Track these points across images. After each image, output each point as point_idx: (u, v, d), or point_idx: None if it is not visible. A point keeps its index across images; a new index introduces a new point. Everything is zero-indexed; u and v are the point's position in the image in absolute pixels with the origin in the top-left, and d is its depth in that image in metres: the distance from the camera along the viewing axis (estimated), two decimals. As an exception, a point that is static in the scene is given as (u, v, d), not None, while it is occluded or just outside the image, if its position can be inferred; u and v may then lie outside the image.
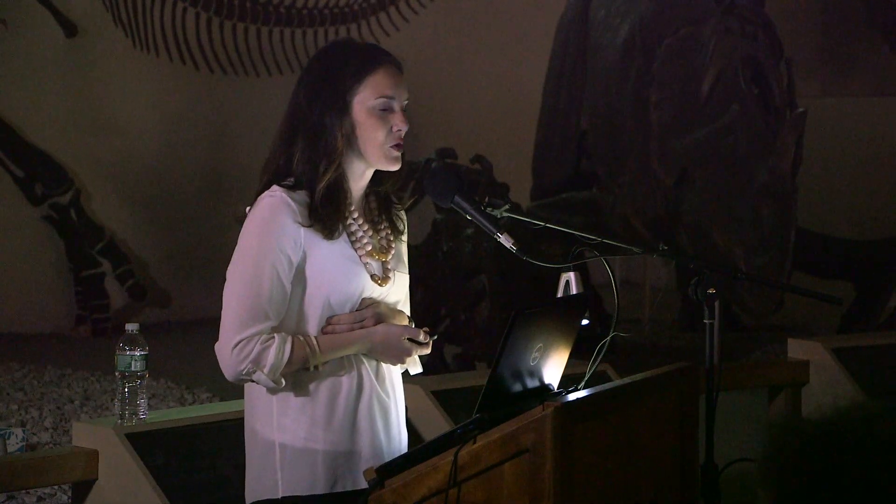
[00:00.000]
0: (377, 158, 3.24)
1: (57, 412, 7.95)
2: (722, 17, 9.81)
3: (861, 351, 6.22)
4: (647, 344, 10.24)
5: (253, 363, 3.11)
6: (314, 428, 3.19)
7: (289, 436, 3.19)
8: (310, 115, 3.20)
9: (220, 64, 11.90)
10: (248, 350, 3.11)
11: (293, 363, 3.13)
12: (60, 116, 11.14)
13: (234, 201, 10.77)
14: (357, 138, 3.21)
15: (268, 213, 3.16)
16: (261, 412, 3.22)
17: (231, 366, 3.14)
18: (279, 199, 3.16)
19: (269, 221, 3.15)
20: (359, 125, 3.21)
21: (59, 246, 11.08)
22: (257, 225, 3.17)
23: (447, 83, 12.88)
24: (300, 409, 3.19)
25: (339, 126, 3.19)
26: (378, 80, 3.22)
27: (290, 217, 3.15)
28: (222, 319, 3.17)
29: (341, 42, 3.31)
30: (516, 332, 2.99)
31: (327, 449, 3.19)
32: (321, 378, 3.19)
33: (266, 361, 3.11)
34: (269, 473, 3.21)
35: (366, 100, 3.21)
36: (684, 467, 3.31)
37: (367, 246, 3.25)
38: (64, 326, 10.94)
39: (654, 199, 9.81)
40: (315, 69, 3.26)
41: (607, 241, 3.40)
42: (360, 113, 3.21)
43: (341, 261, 3.20)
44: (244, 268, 3.16)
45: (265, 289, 3.13)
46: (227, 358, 3.14)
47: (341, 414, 3.20)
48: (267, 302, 3.13)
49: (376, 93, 3.21)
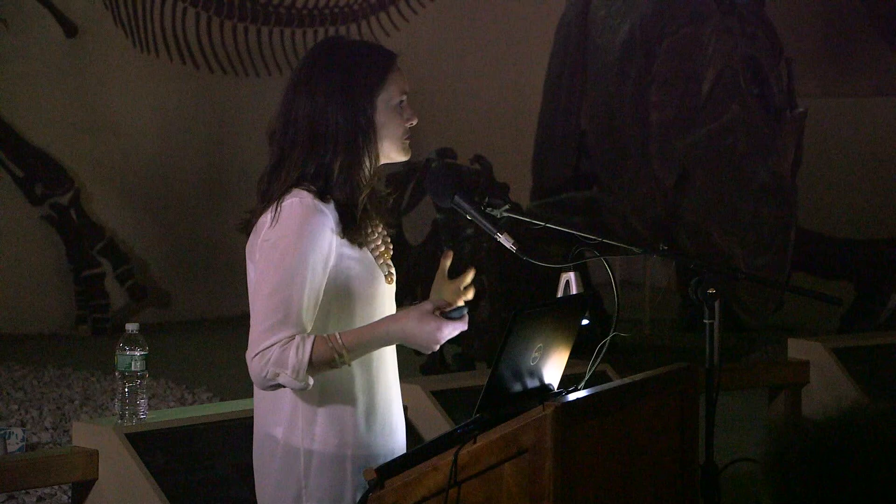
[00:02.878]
0: (395, 151, 3.23)
1: (57, 412, 7.95)
2: (722, 17, 9.82)
3: (861, 351, 6.23)
4: (647, 344, 10.23)
5: (274, 366, 3.04)
6: (345, 435, 3.14)
7: (318, 444, 3.13)
8: (342, 121, 3.14)
9: (220, 64, 11.90)
10: (269, 354, 3.04)
11: (316, 362, 3.04)
12: (60, 116, 11.14)
13: (234, 201, 10.78)
14: (380, 136, 3.20)
15: (302, 218, 3.08)
16: (284, 419, 3.15)
17: (255, 373, 3.07)
18: (311, 204, 3.09)
19: (304, 226, 3.08)
20: (384, 123, 3.20)
21: (59, 246, 11.08)
22: (291, 230, 3.08)
23: (447, 83, 12.88)
24: (329, 416, 3.14)
25: (374, 129, 3.17)
26: (396, 77, 3.21)
27: (325, 224, 3.10)
28: (250, 328, 3.10)
29: (343, 42, 3.27)
30: (516, 332, 2.99)
31: (357, 454, 3.15)
32: (348, 383, 3.14)
33: (287, 362, 3.03)
34: (292, 482, 3.15)
35: (390, 99, 3.19)
36: (684, 467, 3.31)
37: (380, 247, 3.24)
38: (64, 326, 10.94)
39: (654, 199, 9.81)
40: (332, 73, 3.17)
41: (607, 241, 3.40)
42: (386, 113, 3.19)
43: (365, 265, 3.17)
44: (276, 275, 3.07)
45: (296, 297, 3.06)
46: (252, 366, 3.07)
47: (371, 419, 3.18)
48: (296, 310, 3.06)
49: (399, 91, 3.21)
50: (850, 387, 5.89)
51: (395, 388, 3.30)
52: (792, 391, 6.13)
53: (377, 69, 3.20)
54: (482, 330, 8.33)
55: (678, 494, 3.29)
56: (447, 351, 8.55)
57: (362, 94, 3.17)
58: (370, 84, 3.18)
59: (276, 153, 3.19)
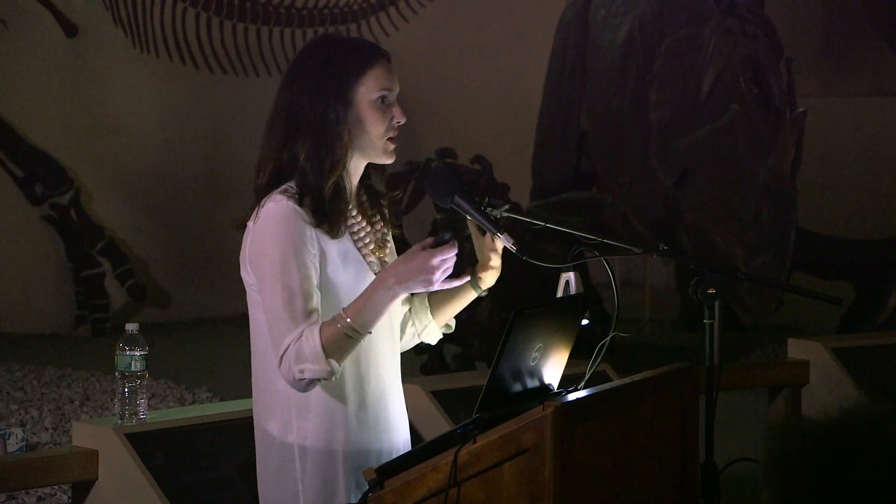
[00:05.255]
0: (375, 152, 3.23)
1: (57, 412, 7.95)
2: (722, 17, 9.81)
3: (861, 351, 6.23)
4: (647, 344, 10.24)
5: (296, 363, 3.05)
6: (335, 431, 3.15)
7: (311, 441, 3.14)
8: (312, 112, 3.17)
9: (220, 64, 11.90)
10: (289, 356, 3.06)
11: (329, 345, 3.04)
12: (60, 116, 11.14)
13: (234, 201, 10.79)
14: (358, 133, 3.20)
15: (279, 220, 3.11)
16: (279, 417, 3.17)
17: (287, 379, 3.09)
18: (285, 206, 3.12)
19: (283, 227, 3.11)
20: (361, 120, 3.19)
21: (59, 246, 11.08)
22: (272, 235, 3.12)
23: (447, 83, 12.88)
24: (320, 412, 3.15)
25: (344, 122, 3.18)
26: (378, 73, 3.20)
27: (300, 219, 3.11)
28: (272, 334, 3.12)
29: (331, 38, 3.28)
30: (516, 332, 2.99)
31: (348, 451, 3.16)
32: (340, 378, 3.14)
33: (304, 356, 3.04)
34: (289, 480, 3.16)
35: (368, 93, 3.19)
36: (684, 467, 3.31)
37: (369, 244, 3.25)
38: (64, 326, 10.94)
39: (654, 199, 9.80)
40: (311, 66, 3.21)
41: (607, 241, 3.40)
42: (363, 107, 3.19)
43: (348, 260, 3.18)
44: (271, 283, 3.10)
45: (296, 295, 3.08)
46: (282, 374, 3.09)
47: (362, 414, 3.18)
48: (300, 307, 3.07)
49: (378, 86, 3.20)
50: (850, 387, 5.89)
51: (392, 383, 3.29)
52: (792, 391, 6.13)
53: (356, 64, 3.20)
54: (482, 330, 8.33)
55: (678, 494, 3.29)
56: (447, 351, 8.55)
57: (335, 87, 3.18)
58: (345, 77, 3.18)
59: (263, 145, 3.24)
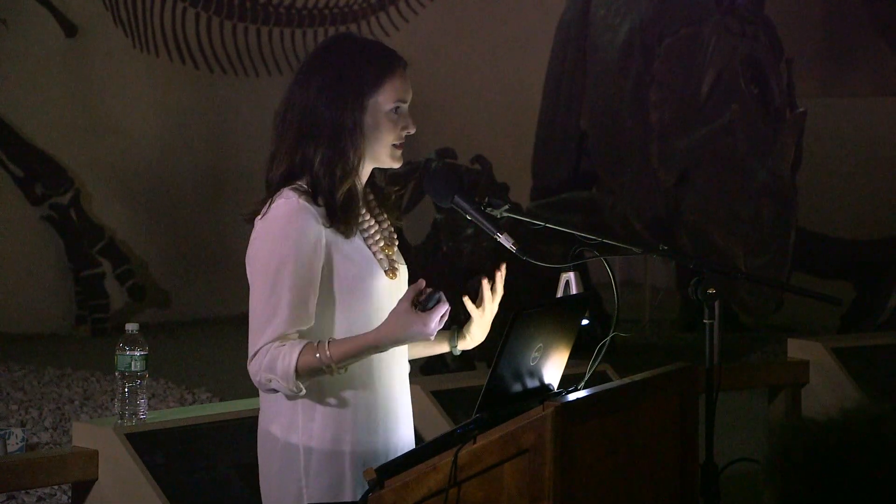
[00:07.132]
0: (384, 157, 3.23)
1: (57, 412, 7.95)
2: (722, 17, 9.81)
3: (861, 351, 6.23)
4: (647, 344, 10.24)
5: (267, 371, 3.07)
6: (343, 432, 3.15)
7: (317, 441, 3.14)
8: (328, 115, 3.15)
9: (220, 64, 11.90)
10: (261, 359, 3.08)
11: (302, 371, 3.05)
12: (60, 116, 11.13)
13: (234, 201, 10.78)
14: (371, 140, 3.20)
15: (285, 219, 3.10)
16: (284, 416, 3.16)
17: (253, 377, 3.12)
18: (295, 203, 3.11)
19: (287, 227, 3.10)
20: (373, 127, 3.19)
21: (59, 246, 11.07)
22: (274, 232, 3.11)
23: (447, 83, 12.88)
24: (328, 413, 3.14)
25: (360, 128, 3.17)
26: (396, 84, 3.20)
27: (310, 219, 3.11)
28: (249, 330, 3.13)
29: (350, 38, 3.26)
30: (516, 332, 2.99)
31: (356, 451, 3.15)
32: (348, 381, 3.14)
33: (276, 369, 3.06)
34: (292, 480, 3.16)
35: (384, 103, 3.18)
36: (684, 467, 3.31)
37: (379, 242, 3.24)
38: (64, 326, 10.94)
39: (654, 199, 9.81)
40: (329, 67, 3.19)
41: (607, 241, 3.40)
42: (376, 115, 3.18)
43: (361, 259, 3.18)
44: (264, 278, 3.10)
45: (284, 297, 3.07)
46: (250, 370, 3.11)
47: (372, 415, 3.18)
48: (285, 310, 3.07)
49: (394, 97, 3.19)
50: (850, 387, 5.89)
51: (401, 382, 3.29)
52: (792, 391, 6.12)
53: (374, 71, 3.19)
54: (482, 330, 8.31)
55: (678, 494, 3.29)
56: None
57: (353, 93, 3.17)
58: (363, 85, 3.17)
59: (274, 141, 3.22)
